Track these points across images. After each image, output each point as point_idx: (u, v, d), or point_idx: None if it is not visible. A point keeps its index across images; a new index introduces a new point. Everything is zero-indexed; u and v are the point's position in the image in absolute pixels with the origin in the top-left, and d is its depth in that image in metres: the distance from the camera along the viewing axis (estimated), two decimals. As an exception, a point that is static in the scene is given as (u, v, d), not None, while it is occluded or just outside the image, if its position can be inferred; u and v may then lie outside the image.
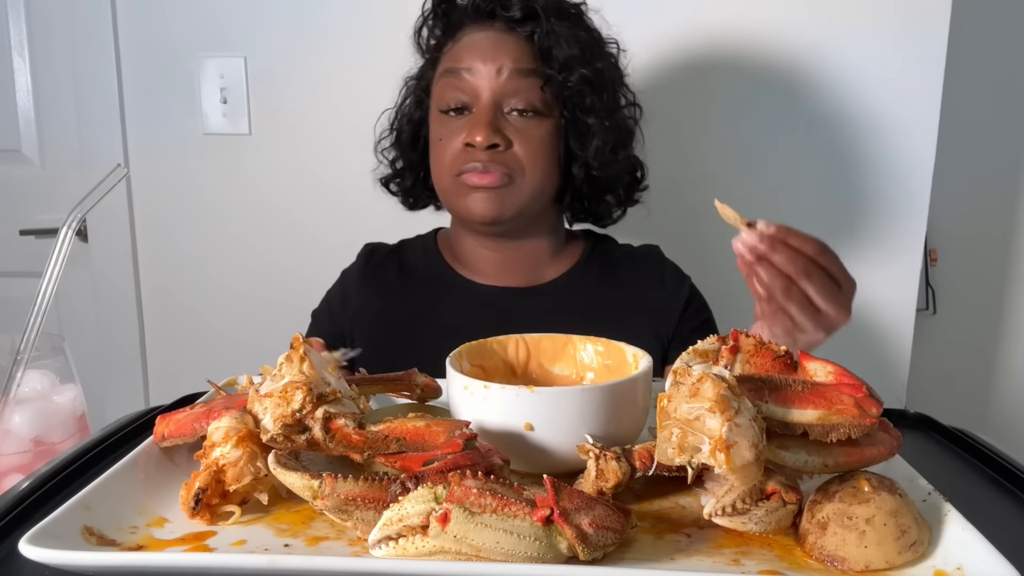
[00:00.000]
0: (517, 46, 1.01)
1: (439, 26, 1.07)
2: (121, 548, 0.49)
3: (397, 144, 1.15)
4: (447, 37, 1.06)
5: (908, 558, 0.47)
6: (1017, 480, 0.62)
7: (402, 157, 1.15)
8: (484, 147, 0.98)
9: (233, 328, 1.60)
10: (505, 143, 0.99)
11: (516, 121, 1.00)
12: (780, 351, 0.56)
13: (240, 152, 1.54)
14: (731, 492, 0.49)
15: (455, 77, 1.01)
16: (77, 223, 0.73)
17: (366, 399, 0.62)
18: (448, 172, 1.02)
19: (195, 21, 1.50)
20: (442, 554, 0.45)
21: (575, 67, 1.00)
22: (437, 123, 1.04)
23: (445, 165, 1.02)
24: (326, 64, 1.49)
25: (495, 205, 1.00)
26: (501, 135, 0.99)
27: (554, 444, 0.58)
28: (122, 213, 1.57)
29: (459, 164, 1.00)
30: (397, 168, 1.16)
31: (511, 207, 1.01)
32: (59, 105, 1.63)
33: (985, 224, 1.73)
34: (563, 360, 0.74)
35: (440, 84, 1.03)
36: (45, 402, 0.74)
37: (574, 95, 1.01)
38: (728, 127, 1.43)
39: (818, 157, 1.43)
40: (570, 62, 1.00)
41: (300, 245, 1.56)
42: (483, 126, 0.97)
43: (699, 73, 1.41)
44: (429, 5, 1.07)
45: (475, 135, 0.98)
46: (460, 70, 1.00)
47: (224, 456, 0.54)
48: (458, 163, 1.00)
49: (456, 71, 1.01)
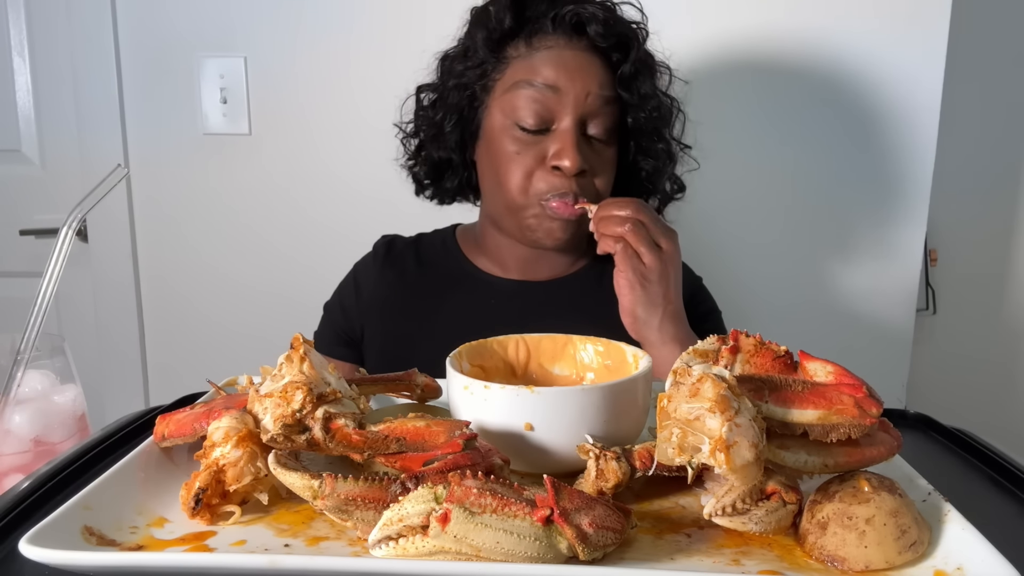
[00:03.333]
0: (603, 70, 0.98)
1: (510, 19, 0.99)
2: (121, 548, 0.49)
3: (439, 142, 1.06)
4: (519, 39, 1.00)
5: (908, 558, 0.47)
6: (1017, 480, 0.62)
7: (442, 150, 1.07)
8: (572, 174, 0.95)
9: (233, 328, 1.60)
10: (589, 170, 0.98)
11: (596, 145, 0.99)
12: (780, 351, 0.56)
13: (240, 152, 1.54)
14: (731, 492, 0.49)
15: (537, 91, 0.96)
16: (77, 223, 0.73)
17: (366, 399, 0.62)
18: (525, 191, 0.98)
19: (195, 21, 1.50)
20: (442, 554, 0.45)
21: (652, 96, 1.01)
22: (510, 132, 0.98)
23: (521, 183, 0.98)
24: (326, 64, 1.49)
25: (569, 234, 1.00)
26: (586, 161, 0.96)
27: (554, 444, 0.58)
28: (122, 213, 1.57)
29: (542, 188, 0.97)
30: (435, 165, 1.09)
31: (576, 232, 1.01)
32: (59, 105, 1.63)
33: (985, 224, 1.73)
34: (563, 360, 0.74)
35: (515, 94, 0.98)
36: (45, 402, 0.74)
37: (645, 125, 1.02)
38: (728, 127, 1.43)
39: (818, 157, 1.43)
40: (648, 94, 1.00)
41: (300, 244, 1.56)
42: (572, 149, 0.94)
43: (699, 73, 1.41)
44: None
45: (563, 159, 0.94)
46: (545, 86, 0.96)
47: (224, 456, 0.54)
48: (541, 186, 0.97)
49: (540, 86, 0.96)
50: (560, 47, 0.98)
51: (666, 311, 0.92)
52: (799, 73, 1.41)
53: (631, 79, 0.99)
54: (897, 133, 1.41)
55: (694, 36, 1.41)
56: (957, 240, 1.73)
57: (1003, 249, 1.76)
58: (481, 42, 1.01)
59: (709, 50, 1.41)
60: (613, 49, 0.99)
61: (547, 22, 0.98)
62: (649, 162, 1.06)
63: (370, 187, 1.49)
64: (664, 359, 0.91)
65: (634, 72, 0.99)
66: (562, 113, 0.96)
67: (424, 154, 1.10)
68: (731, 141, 1.44)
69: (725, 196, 1.46)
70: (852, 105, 1.40)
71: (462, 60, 1.03)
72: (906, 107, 1.39)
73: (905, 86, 1.38)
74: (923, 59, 1.37)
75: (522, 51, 0.99)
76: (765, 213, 1.47)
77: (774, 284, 1.48)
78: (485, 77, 1.01)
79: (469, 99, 1.03)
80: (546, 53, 0.98)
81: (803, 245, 1.48)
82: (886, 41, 1.37)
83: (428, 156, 1.10)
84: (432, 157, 1.09)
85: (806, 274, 1.49)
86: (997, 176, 1.72)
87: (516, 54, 1.00)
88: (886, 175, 1.43)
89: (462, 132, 1.05)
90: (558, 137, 0.96)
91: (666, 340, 0.92)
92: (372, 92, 1.48)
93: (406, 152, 1.13)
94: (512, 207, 1.00)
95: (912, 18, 1.36)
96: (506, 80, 0.99)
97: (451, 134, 1.05)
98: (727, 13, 1.39)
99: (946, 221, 1.68)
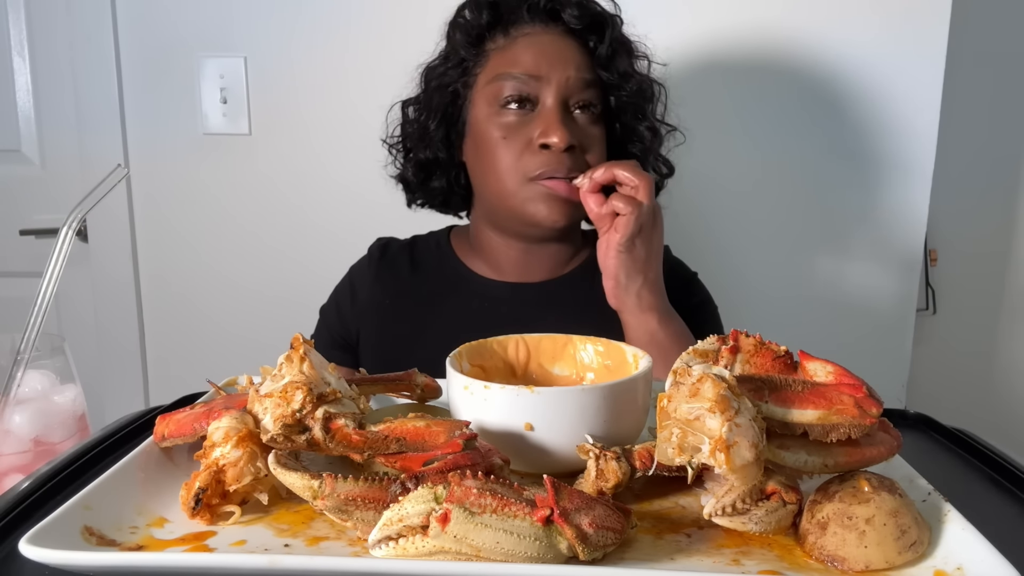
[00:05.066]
0: (580, 53, 0.99)
1: (486, 17, 1.00)
2: (121, 548, 0.49)
3: (425, 142, 1.06)
4: (497, 32, 1.00)
5: (908, 558, 0.47)
6: (1017, 480, 0.62)
7: (429, 151, 1.07)
8: (562, 149, 0.94)
9: (233, 328, 1.60)
10: (580, 147, 0.97)
11: (581, 119, 0.98)
12: (780, 351, 0.56)
13: (240, 152, 1.54)
14: (731, 492, 0.49)
15: (518, 80, 0.96)
16: (77, 223, 0.74)
17: (366, 399, 0.62)
18: (517, 173, 0.97)
19: (195, 21, 1.50)
20: (442, 554, 0.45)
21: (632, 76, 1.01)
22: (495, 119, 0.98)
23: (512, 166, 0.97)
24: (326, 64, 1.49)
25: (565, 215, 0.99)
26: (575, 136, 0.96)
27: (554, 444, 0.58)
28: (122, 213, 1.57)
29: (533, 167, 0.96)
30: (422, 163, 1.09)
31: (576, 215, 1.00)
32: (59, 105, 1.63)
33: (985, 224, 1.73)
34: (563, 360, 0.74)
35: (497, 84, 0.98)
36: (45, 402, 0.74)
37: (628, 104, 1.02)
38: (727, 127, 1.43)
39: (818, 157, 1.43)
40: (628, 73, 1.01)
41: (300, 244, 1.56)
42: (559, 125, 0.94)
43: (699, 73, 1.41)
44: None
45: (551, 135, 0.94)
46: (525, 74, 0.96)
47: (224, 456, 0.54)
48: (532, 166, 0.96)
49: (520, 75, 0.96)
50: (537, 33, 0.99)
51: (647, 278, 0.94)
52: (799, 72, 1.41)
53: (609, 60, 1.00)
54: (897, 133, 1.41)
55: (695, 35, 1.41)
56: (957, 240, 1.73)
57: (1003, 249, 1.76)
58: (460, 43, 1.02)
59: (710, 48, 1.41)
60: (589, 32, 1.00)
61: (522, 11, 1.00)
62: (637, 144, 1.06)
63: (370, 187, 1.49)
64: (640, 327, 0.93)
65: (611, 53, 1.00)
66: (545, 95, 0.97)
67: (411, 156, 1.10)
68: (730, 140, 1.44)
69: (725, 195, 1.46)
70: (852, 105, 1.40)
71: (443, 64, 1.05)
72: (906, 107, 1.39)
73: (905, 86, 1.38)
74: (923, 59, 1.37)
75: (500, 43, 1.00)
76: (765, 213, 1.47)
77: (774, 284, 1.48)
78: (467, 74, 1.02)
79: (452, 97, 1.03)
80: (524, 41, 0.99)
81: (803, 245, 1.48)
82: (886, 41, 1.37)
83: (415, 159, 1.09)
84: (419, 158, 1.09)
85: (806, 274, 1.49)
86: (997, 176, 1.72)
87: (495, 47, 1.01)
88: (886, 175, 1.43)
89: (447, 130, 1.05)
90: (543, 116, 0.96)
91: (644, 308, 0.94)
92: (372, 92, 1.47)
93: (395, 163, 1.13)
94: (504, 193, 0.99)
95: (912, 18, 1.36)
96: (487, 73, 1.00)
97: (436, 132, 1.05)
98: (727, 12, 1.39)
99: (946, 221, 1.68)
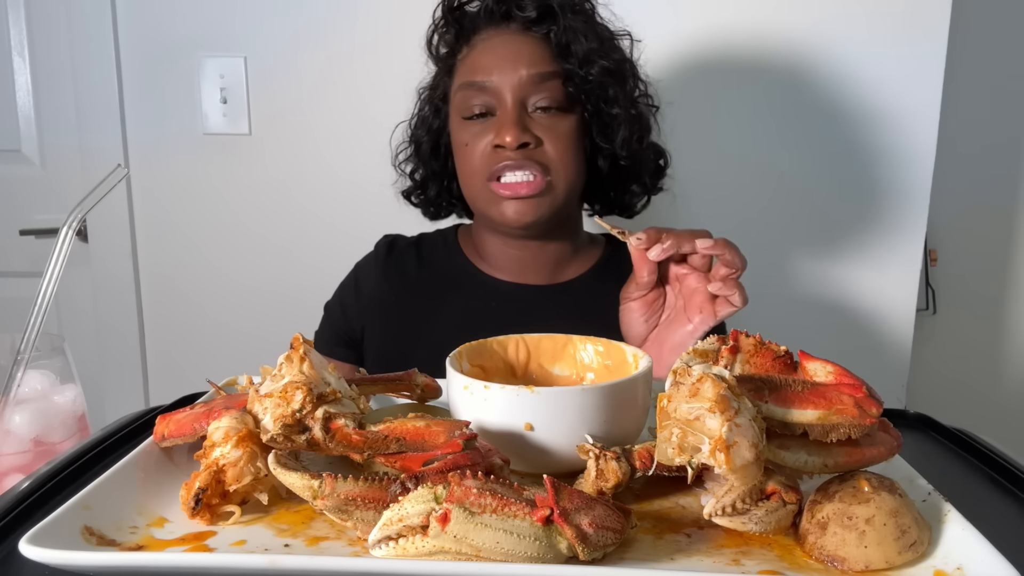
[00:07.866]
0: (535, 47, 0.99)
1: (451, 32, 1.05)
2: (121, 548, 0.49)
3: (417, 155, 1.13)
4: (461, 43, 1.04)
5: (908, 558, 0.47)
6: (1017, 480, 0.62)
7: (424, 167, 1.13)
8: (514, 147, 0.96)
9: (233, 327, 1.60)
10: (535, 141, 0.97)
11: (542, 119, 0.99)
12: (780, 351, 0.56)
13: (240, 152, 1.54)
14: (731, 492, 0.49)
15: (475, 88, 0.99)
16: (77, 223, 0.73)
17: (366, 399, 0.62)
18: (479, 176, 0.99)
19: (195, 21, 1.50)
20: (442, 554, 0.45)
21: (595, 60, 1.00)
22: (460, 130, 1.01)
23: (475, 169, 1.00)
24: (326, 64, 1.49)
25: (531, 210, 0.99)
26: (530, 133, 0.97)
27: (554, 444, 0.58)
28: (122, 213, 1.57)
29: (489, 166, 0.98)
30: (418, 179, 1.14)
31: (546, 210, 1.00)
32: (59, 105, 1.63)
33: (985, 224, 1.73)
34: (563, 360, 0.74)
35: (461, 94, 1.01)
36: (45, 402, 0.74)
37: (596, 88, 1.00)
38: (727, 128, 1.44)
39: (818, 157, 1.43)
40: (589, 56, 0.99)
41: (300, 245, 1.56)
42: (511, 125, 0.95)
43: (698, 73, 1.41)
44: (440, 12, 1.05)
45: (504, 135, 0.95)
46: (480, 81, 0.98)
47: (224, 456, 0.54)
48: (488, 165, 0.98)
49: (476, 83, 0.99)
50: (491, 36, 1.01)
51: None
52: (799, 73, 1.41)
53: (567, 47, 1.00)
54: (897, 133, 1.41)
55: (695, 35, 1.41)
56: (957, 240, 1.73)
57: (1003, 249, 1.76)
58: (434, 59, 1.08)
59: (710, 50, 1.41)
60: (543, 22, 1.00)
61: (480, 19, 1.02)
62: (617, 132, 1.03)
63: (370, 187, 1.49)
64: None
65: (567, 40, 0.99)
66: (501, 97, 0.98)
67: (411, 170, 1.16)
68: (730, 141, 1.44)
69: (725, 196, 1.46)
70: (853, 105, 1.40)
71: (431, 81, 1.11)
72: (906, 107, 1.39)
73: (905, 86, 1.38)
74: (923, 59, 1.37)
75: (464, 52, 1.04)
76: (765, 213, 1.47)
77: (774, 284, 1.48)
78: (444, 88, 1.07)
79: (435, 112, 1.09)
80: (480, 47, 1.02)
81: (803, 245, 1.48)
82: (886, 41, 1.37)
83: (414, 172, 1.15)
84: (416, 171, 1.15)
85: (806, 274, 1.49)
86: (997, 176, 1.72)
87: (460, 57, 1.04)
88: (886, 175, 1.43)
89: (434, 143, 1.10)
90: (498, 118, 0.98)
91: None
92: (372, 92, 1.48)
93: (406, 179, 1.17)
94: (473, 198, 1.04)
95: (912, 18, 1.36)
96: (455, 84, 1.04)
97: (424, 145, 1.11)
98: (728, 12, 1.39)
99: (946, 221, 1.68)
